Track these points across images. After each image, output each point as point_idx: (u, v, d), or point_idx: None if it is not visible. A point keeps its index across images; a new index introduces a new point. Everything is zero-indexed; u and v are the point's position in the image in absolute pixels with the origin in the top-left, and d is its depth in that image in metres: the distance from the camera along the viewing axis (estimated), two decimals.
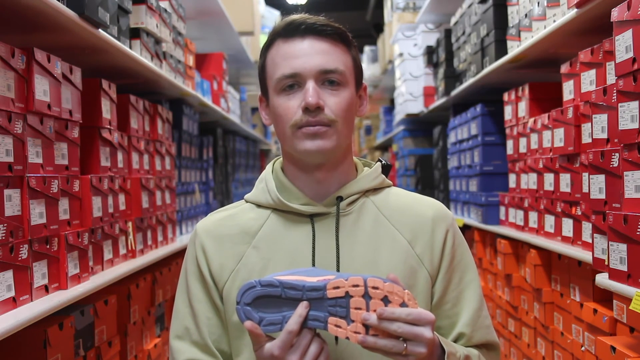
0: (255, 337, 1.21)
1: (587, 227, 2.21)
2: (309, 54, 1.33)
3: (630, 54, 1.63)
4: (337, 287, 1.18)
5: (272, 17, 7.04)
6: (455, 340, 1.38)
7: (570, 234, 2.38)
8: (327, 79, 1.33)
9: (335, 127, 1.33)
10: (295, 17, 1.37)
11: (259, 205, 1.43)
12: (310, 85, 1.31)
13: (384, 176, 1.46)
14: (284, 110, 1.34)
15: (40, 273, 1.79)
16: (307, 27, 1.34)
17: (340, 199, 1.38)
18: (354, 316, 1.18)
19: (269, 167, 1.46)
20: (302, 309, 1.18)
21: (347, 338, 1.18)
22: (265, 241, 1.38)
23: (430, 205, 1.45)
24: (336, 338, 1.32)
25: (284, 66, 1.34)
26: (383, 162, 1.47)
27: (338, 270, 1.35)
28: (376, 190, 1.44)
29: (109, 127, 2.39)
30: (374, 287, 1.17)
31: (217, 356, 1.39)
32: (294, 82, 1.33)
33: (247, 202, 1.46)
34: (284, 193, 1.40)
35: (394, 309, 1.16)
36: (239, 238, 1.40)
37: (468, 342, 1.38)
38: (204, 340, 1.38)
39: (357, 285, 1.18)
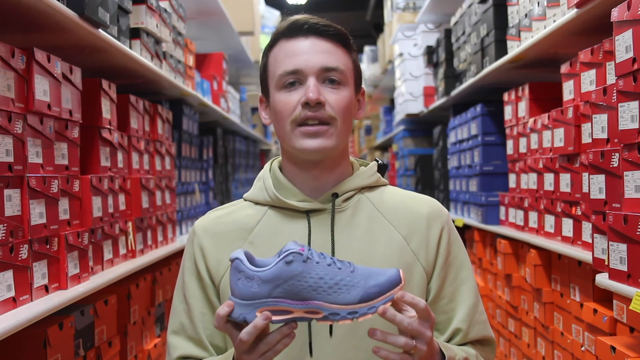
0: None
1: (587, 227, 2.21)
2: (311, 52, 1.36)
3: (630, 54, 1.63)
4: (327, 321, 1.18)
5: (272, 17, 7.04)
6: (452, 335, 1.40)
7: (570, 234, 2.38)
8: (328, 77, 1.36)
9: (335, 126, 1.35)
10: (298, 17, 1.40)
11: (256, 203, 1.45)
12: (312, 81, 1.34)
13: (379, 175, 1.48)
14: (285, 106, 1.36)
15: (40, 273, 1.79)
16: (310, 26, 1.37)
17: (335, 195, 1.40)
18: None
19: (267, 166, 1.49)
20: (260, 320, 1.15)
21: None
22: (261, 237, 1.40)
23: (425, 202, 1.46)
24: (330, 331, 1.33)
25: (286, 63, 1.36)
26: (379, 162, 1.50)
27: None
28: (372, 188, 1.46)
29: (109, 127, 2.39)
30: None
31: (211, 351, 1.40)
32: (295, 79, 1.35)
33: (245, 200, 1.48)
34: (281, 190, 1.43)
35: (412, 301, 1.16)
36: (236, 234, 1.42)
37: (465, 338, 1.40)
38: (198, 336, 1.40)
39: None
